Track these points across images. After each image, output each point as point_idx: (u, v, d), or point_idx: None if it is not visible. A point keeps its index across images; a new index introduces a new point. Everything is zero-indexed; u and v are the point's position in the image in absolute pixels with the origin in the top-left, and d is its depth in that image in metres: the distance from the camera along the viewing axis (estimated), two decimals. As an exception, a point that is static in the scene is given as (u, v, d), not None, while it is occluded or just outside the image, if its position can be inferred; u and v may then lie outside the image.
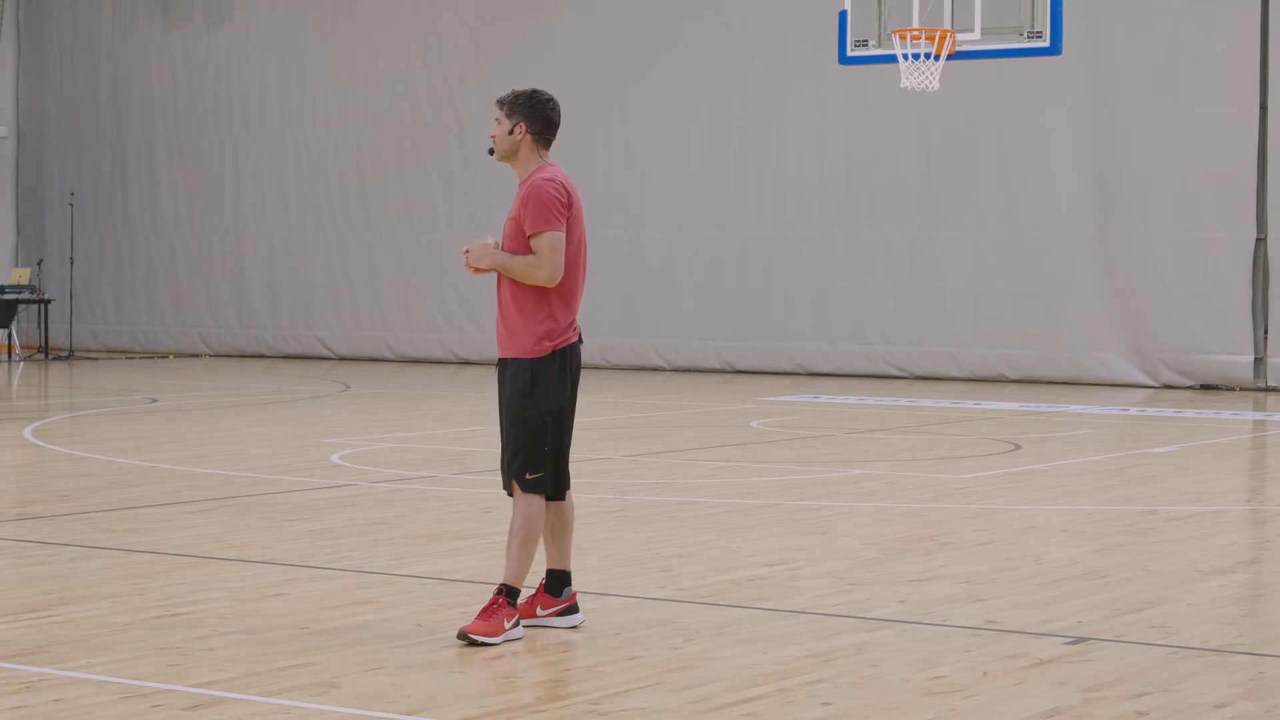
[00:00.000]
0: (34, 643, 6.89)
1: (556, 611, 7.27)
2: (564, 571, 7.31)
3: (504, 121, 7.25)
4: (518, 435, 7.15)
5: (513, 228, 7.19)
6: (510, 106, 7.27)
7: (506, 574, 7.10)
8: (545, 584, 7.31)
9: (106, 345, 29.66)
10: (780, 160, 23.96)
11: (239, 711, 5.87)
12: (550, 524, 7.30)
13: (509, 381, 7.19)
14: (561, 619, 7.26)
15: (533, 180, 7.20)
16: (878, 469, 13.22)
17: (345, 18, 27.10)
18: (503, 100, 7.30)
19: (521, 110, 7.26)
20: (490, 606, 7.00)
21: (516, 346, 7.17)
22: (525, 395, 7.14)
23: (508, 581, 7.08)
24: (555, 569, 7.32)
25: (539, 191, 7.15)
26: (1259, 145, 21.20)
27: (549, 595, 7.29)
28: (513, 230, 7.19)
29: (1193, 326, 21.61)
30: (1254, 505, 11.70)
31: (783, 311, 24.07)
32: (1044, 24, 15.69)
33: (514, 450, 7.15)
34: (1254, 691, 6.26)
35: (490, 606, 7.00)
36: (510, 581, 7.08)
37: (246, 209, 28.32)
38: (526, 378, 7.14)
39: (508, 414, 7.20)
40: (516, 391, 7.16)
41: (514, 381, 7.17)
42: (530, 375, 7.14)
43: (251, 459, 13.83)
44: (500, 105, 7.29)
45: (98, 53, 29.63)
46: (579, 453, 14.42)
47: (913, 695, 6.14)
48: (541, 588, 7.31)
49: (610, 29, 25.07)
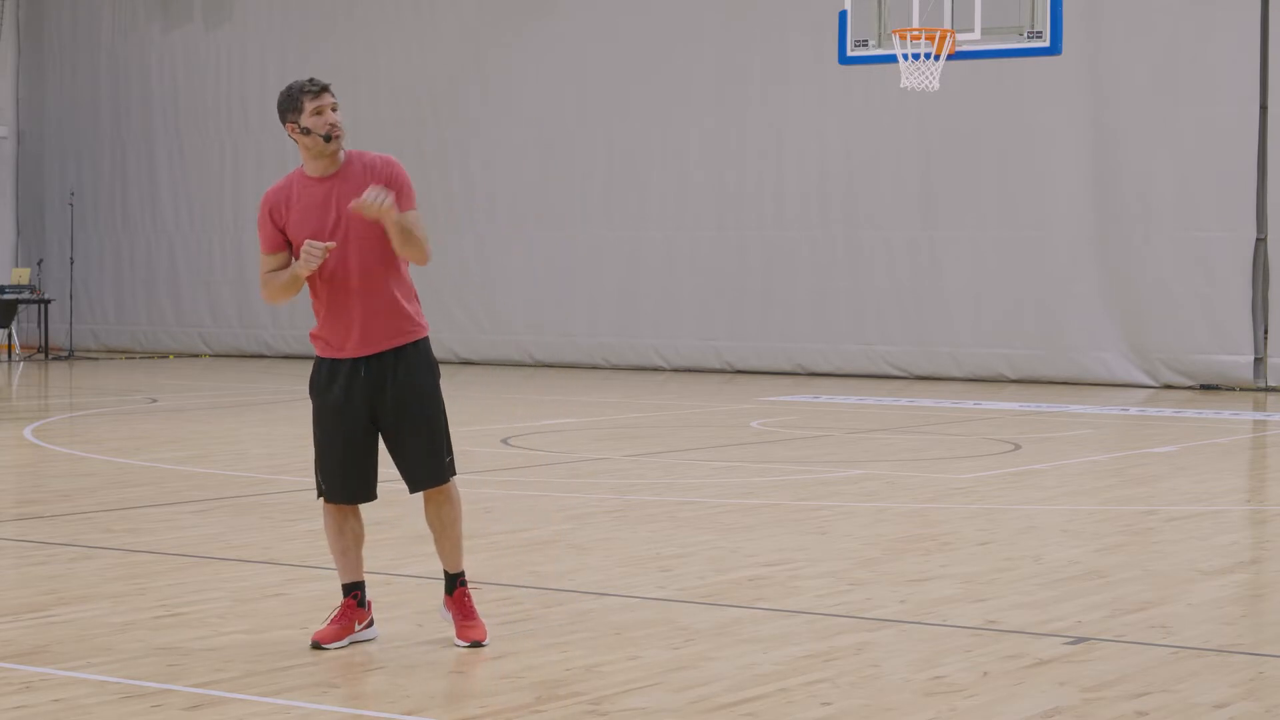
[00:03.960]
0: (34, 643, 6.89)
1: (368, 623, 7.02)
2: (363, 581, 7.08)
3: (337, 106, 6.91)
4: (443, 418, 6.96)
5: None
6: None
7: (459, 561, 7.07)
8: (360, 596, 7.00)
9: (106, 345, 29.66)
10: (780, 160, 23.96)
11: (239, 711, 5.87)
12: (356, 532, 7.05)
13: (419, 366, 6.91)
14: (371, 630, 7.04)
15: (376, 158, 6.87)
16: (878, 469, 13.22)
17: (345, 18, 27.10)
18: (329, 85, 6.95)
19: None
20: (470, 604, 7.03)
21: (416, 328, 6.95)
22: (437, 374, 7.02)
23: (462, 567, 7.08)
24: (360, 580, 7.05)
25: (400, 167, 6.90)
26: (1259, 145, 21.19)
27: (362, 608, 7.01)
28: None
29: (1193, 326, 21.61)
30: (1254, 505, 11.70)
31: (783, 311, 24.07)
32: (1044, 24, 15.70)
33: (442, 436, 6.94)
34: (1254, 691, 6.26)
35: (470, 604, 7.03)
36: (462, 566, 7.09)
37: (246, 209, 28.30)
38: (432, 357, 7.02)
39: (419, 403, 6.89)
40: (429, 372, 6.96)
41: (424, 363, 6.94)
42: (432, 353, 7.02)
43: (251, 459, 13.83)
44: (330, 90, 6.93)
45: (98, 53, 29.63)
46: (580, 453, 14.45)
47: (913, 695, 6.14)
48: (355, 602, 6.98)
49: (610, 29, 25.07)
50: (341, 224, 6.81)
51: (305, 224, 6.83)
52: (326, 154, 6.84)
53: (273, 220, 6.88)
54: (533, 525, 10.05)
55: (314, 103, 6.83)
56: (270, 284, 6.95)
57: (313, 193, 6.86)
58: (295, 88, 6.87)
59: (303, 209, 6.85)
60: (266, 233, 6.90)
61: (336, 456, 6.90)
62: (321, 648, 6.81)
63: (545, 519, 10.40)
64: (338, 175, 6.86)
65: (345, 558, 7.02)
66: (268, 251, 6.92)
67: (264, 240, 6.92)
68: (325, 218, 6.82)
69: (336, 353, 6.92)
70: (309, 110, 6.83)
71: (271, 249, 6.91)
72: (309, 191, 6.87)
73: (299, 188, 6.89)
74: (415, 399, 6.90)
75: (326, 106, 6.84)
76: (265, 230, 6.90)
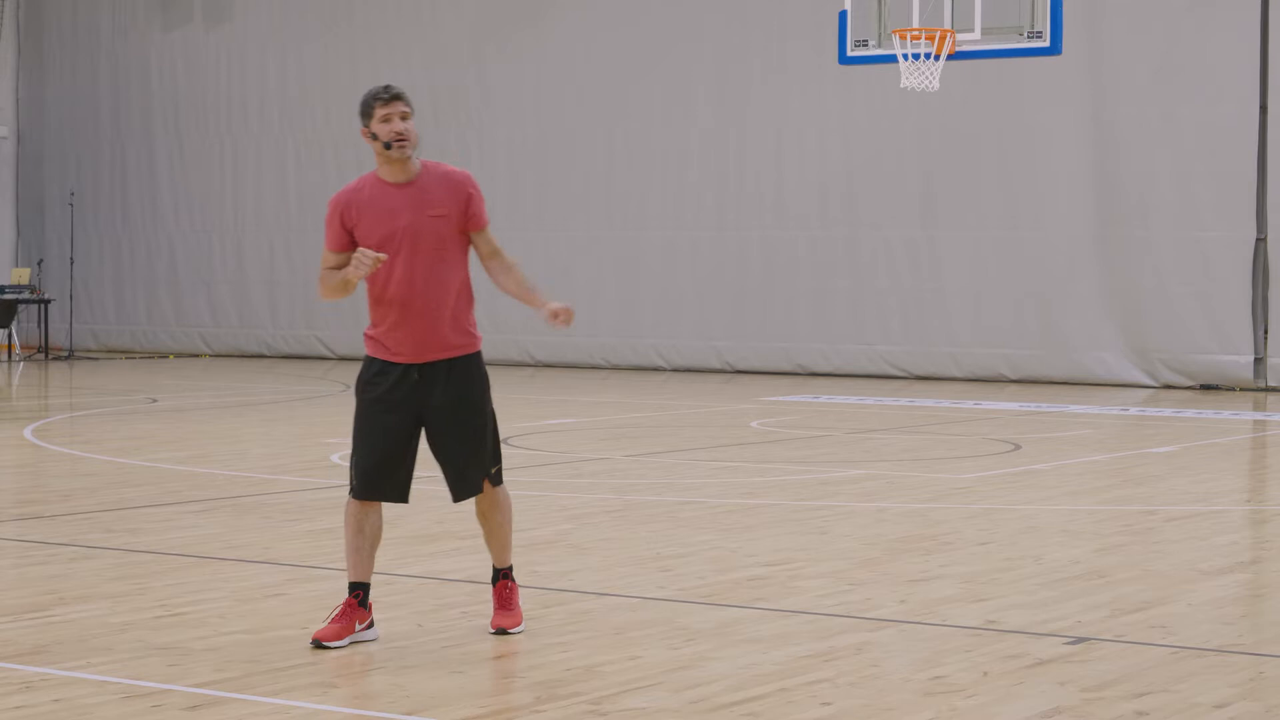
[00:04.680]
0: (34, 643, 6.89)
1: (368, 625, 7.04)
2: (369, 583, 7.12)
3: (409, 116, 7.01)
4: (489, 429, 7.11)
5: (446, 225, 6.98)
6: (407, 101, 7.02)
7: (506, 557, 7.25)
8: (363, 597, 7.02)
9: (106, 345, 29.65)
10: (780, 160, 23.96)
11: (239, 711, 5.87)
12: (375, 531, 7.09)
13: (471, 378, 7.05)
14: (372, 631, 7.05)
15: (454, 172, 7.04)
16: (878, 469, 13.22)
17: (345, 18, 27.10)
18: (403, 93, 7.01)
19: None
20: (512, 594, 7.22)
21: (473, 341, 7.13)
22: (488, 387, 7.14)
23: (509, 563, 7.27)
24: (367, 581, 7.07)
25: (476, 185, 7.09)
26: (1259, 145, 21.19)
27: (363, 609, 7.03)
28: (444, 228, 6.97)
29: (1193, 326, 21.61)
30: (1254, 505, 11.70)
31: (783, 311, 24.07)
32: (1044, 24, 15.70)
33: (488, 448, 7.08)
34: (1254, 691, 6.26)
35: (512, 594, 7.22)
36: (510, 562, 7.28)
37: (246, 209, 28.32)
38: (484, 369, 7.16)
39: (475, 411, 7.05)
40: (481, 385, 7.10)
41: (475, 375, 7.08)
42: (484, 366, 7.17)
43: (251, 459, 13.83)
44: (404, 99, 6.99)
45: (98, 53, 29.62)
46: (580, 453, 14.45)
47: (913, 695, 6.14)
48: (357, 602, 7.00)
49: (610, 28, 25.07)
50: (409, 232, 6.93)
51: (375, 228, 6.94)
52: (394, 160, 6.98)
53: (342, 221, 7.00)
54: (533, 525, 10.05)
55: (384, 110, 6.96)
56: (326, 281, 7.07)
57: (386, 198, 6.99)
58: (370, 94, 7.02)
59: (375, 212, 6.97)
60: (334, 232, 7.01)
61: (374, 453, 6.99)
62: (322, 646, 6.83)
63: (545, 519, 10.40)
64: (412, 184, 7.00)
65: (358, 555, 7.06)
66: (331, 249, 7.04)
67: (330, 238, 7.04)
68: (396, 222, 6.94)
69: (391, 356, 7.02)
70: (379, 116, 6.96)
71: (336, 247, 7.03)
72: (382, 196, 6.99)
73: (372, 191, 7.02)
74: (465, 410, 7.04)
75: (395, 115, 6.95)
76: (333, 229, 7.01)
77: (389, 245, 6.89)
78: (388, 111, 6.93)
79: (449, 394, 7.00)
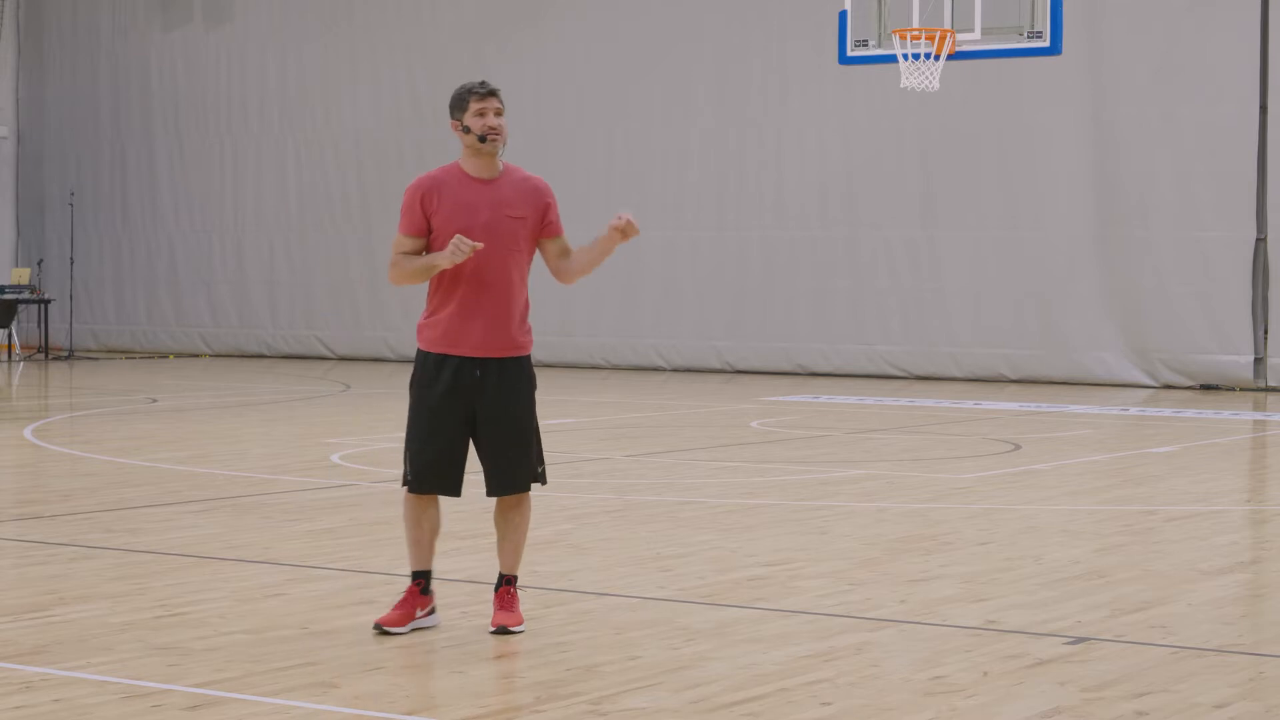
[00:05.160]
0: (34, 643, 6.89)
1: (429, 610, 7.24)
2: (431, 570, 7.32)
3: (502, 112, 7.14)
4: (534, 432, 7.21)
5: (523, 228, 7.11)
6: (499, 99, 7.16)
7: (516, 565, 7.29)
8: (425, 584, 7.23)
9: (106, 345, 29.66)
10: (780, 160, 23.97)
11: (239, 711, 5.87)
12: (434, 522, 7.25)
13: (521, 378, 7.16)
14: (433, 618, 7.25)
15: (535, 178, 7.22)
16: (878, 469, 13.22)
17: (345, 18, 27.10)
18: (497, 90, 7.17)
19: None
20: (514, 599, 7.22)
21: (527, 342, 7.22)
22: (534, 390, 7.24)
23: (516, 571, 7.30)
24: (429, 569, 7.28)
25: (553, 193, 7.24)
26: (1259, 145, 21.20)
27: (425, 595, 7.24)
28: (520, 230, 7.10)
29: (1193, 326, 21.61)
30: (1254, 505, 11.70)
31: (783, 311, 24.08)
32: (1044, 24, 15.70)
33: (532, 448, 7.19)
34: (1254, 691, 6.26)
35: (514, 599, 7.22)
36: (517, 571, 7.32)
37: (246, 209, 28.32)
38: (533, 372, 7.26)
39: (523, 413, 7.15)
40: (529, 388, 7.20)
41: (526, 376, 7.19)
42: (533, 369, 7.27)
43: (251, 459, 13.83)
44: (498, 95, 7.15)
45: (98, 53, 29.63)
46: (580, 452, 14.44)
47: (913, 695, 6.14)
48: (419, 589, 7.21)
49: (610, 29, 25.07)
50: (490, 228, 7.02)
51: (455, 218, 7.03)
52: (484, 154, 7.10)
53: (423, 206, 7.09)
54: (533, 525, 10.00)
55: (479, 104, 7.09)
56: (401, 265, 7.11)
57: (469, 191, 7.09)
58: (465, 88, 7.15)
59: (455, 203, 7.06)
60: (414, 216, 7.09)
61: (434, 450, 7.09)
62: (385, 631, 7.02)
63: (545, 519, 10.40)
64: (496, 181, 7.12)
65: (418, 546, 7.23)
66: (407, 234, 7.11)
67: (408, 223, 7.10)
68: (475, 218, 7.03)
69: (450, 348, 7.08)
70: (473, 110, 7.10)
71: (413, 231, 7.11)
72: (465, 188, 7.10)
73: (455, 182, 7.12)
74: (514, 408, 7.14)
75: (490, 110, 7.09)
76: (413, 214, 7.09)
77: (468, 237, 6.96)
78: (483, 106, 7.07)
79: (504, 392, 7.10)
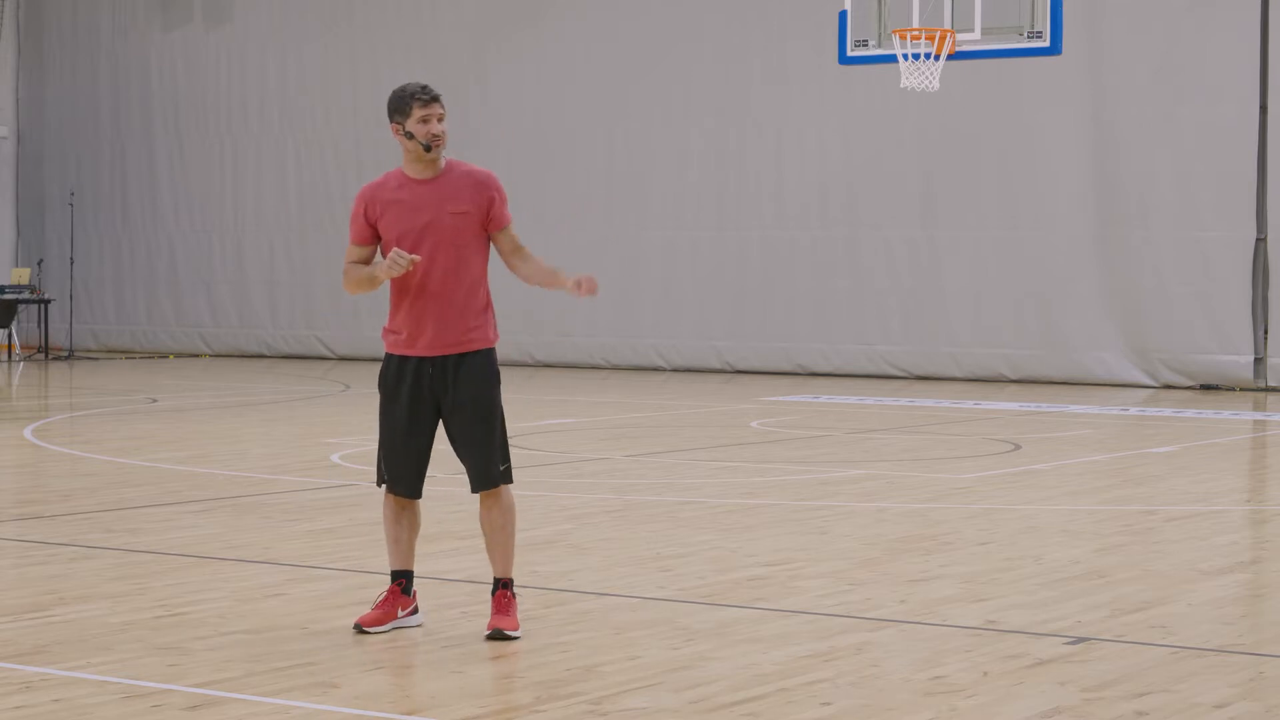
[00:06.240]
0: (34, 643, 6.89)
1: (411, 610, 7.24)
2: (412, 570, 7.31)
3: (444, 117, 7.08)
4: (499, 427, 7.14)
5: (467, 223, 7.04)
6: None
7: (507, 569, 7.17)
8: (407, 584, 7.22)
9: (106, 345, 29.65)
10: (780, 160, 23.96)
11: (239, 711, 5.87)
12: (412, 521, 7.25)
13: (479, 374, 7.09)
14: (415, 618, 7.24)
15: (479, 171, 7.14)
16: (878, 469, 13.22)
17: (345, 18, 27.10)
18: (440, 95, 7.08)
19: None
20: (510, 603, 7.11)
21: (485, 337, 7.15)
22: (497, 384, 7.19)
23: (509, 575, 7.19)
24: (409, 569, 7.27)
25: (500, 184, 7.18)
26: (1259, 145, 21.20)
27: (407, 596, 7.23)
28: (465, 225, 7.03)
29: (1193, 326, 21.61)
30: (1254, 505, 11.70)
31: (783, 311, 24.08)
32: (1044, 24, 15.69)
33: (496, 444, 7.11)
34: (1254, 691, 6.26)
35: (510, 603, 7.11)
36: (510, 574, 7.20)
37: (246, 209, 28.32)
38: (495, 367, 7.20)
39: (484, 408, 7.08)
40: (489, 382, 7.13)
41: (485, 372, 7.12)
42: (495, 363, 7.21)
43: (251, 459, 13.83)
44: (441, 101, 7.06)
45: (98, 53, 29.62)
46: (580, 453, 14.44)
47: (913, 695, 6.14)
48: (400, 589, 7.21)
49: (611, 29, 25.07)
50: (431, 228, 7.03)
51: (398, 222, 7.07)
52: (426, 160, 7.06)
53: (366, 215, 7.13)
54: (533, 525, 10.04)
55: (423, 110, 7.03)
56: (351, 275, 7.22)
57: (411, 193, 7.09)
58: (408, 92, 7.05)
59: (398, 208, 7.07)
60: (359, 226, 7.16)
61: (403, 452, 7.14)
62: (364, 631, 7.03)
63: (545, 519, 10.40)
64: (437, 180, 7.09)
65: (398, 545, 7.24)
66: (356, 243, 7.19)
67: (355, 232, 7.18)
68: (417, 219, 7.05)
69: (407, 349, 7.13)
70: (416, 116, 7.03)
71: (360, 241, 7.18)
72: (407, 191, 7.10)
73: (396, 185, 7.12)
74: (473, 406, 7.11)
75: (434, 116, 7.04)
76: (358, 223, 7.16)
77: (409, 239, 7.00)
78: (427, 113, 7.03)
79: (460, 389, 7.08)
